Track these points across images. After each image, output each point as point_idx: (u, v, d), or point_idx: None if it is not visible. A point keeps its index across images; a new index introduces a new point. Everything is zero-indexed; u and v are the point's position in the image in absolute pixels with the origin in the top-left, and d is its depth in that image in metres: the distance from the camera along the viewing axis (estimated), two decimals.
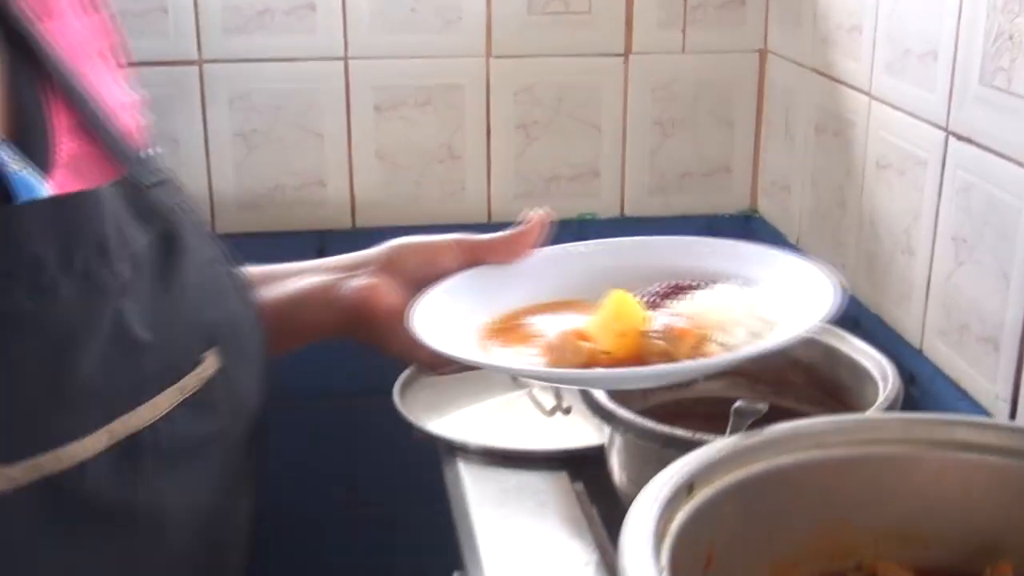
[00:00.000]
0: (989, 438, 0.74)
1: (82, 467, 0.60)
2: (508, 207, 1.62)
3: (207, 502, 0.69)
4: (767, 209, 1.64)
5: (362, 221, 1.60)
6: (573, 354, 0.71)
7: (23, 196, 0.62)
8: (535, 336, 0.76)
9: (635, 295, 0.76)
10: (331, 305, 0.79)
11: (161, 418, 0.64)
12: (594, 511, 0.97)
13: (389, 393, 1.25)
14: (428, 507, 1.23)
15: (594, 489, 1.00)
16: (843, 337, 1.05)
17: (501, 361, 0.72)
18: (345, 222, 1.59)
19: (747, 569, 0.71)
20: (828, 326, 1.11)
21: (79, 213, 0.63)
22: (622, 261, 0.84)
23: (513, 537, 0.93)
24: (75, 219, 0.63)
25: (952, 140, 1.09)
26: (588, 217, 1.65)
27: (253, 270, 0.86)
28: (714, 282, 0.78)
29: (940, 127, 1.11)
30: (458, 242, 0.81)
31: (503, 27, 1.55)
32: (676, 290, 0.78)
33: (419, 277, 0.79)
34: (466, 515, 0.96)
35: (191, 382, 0.66)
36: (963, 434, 0.74)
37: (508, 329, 0.78)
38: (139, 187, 0.69)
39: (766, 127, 1.62)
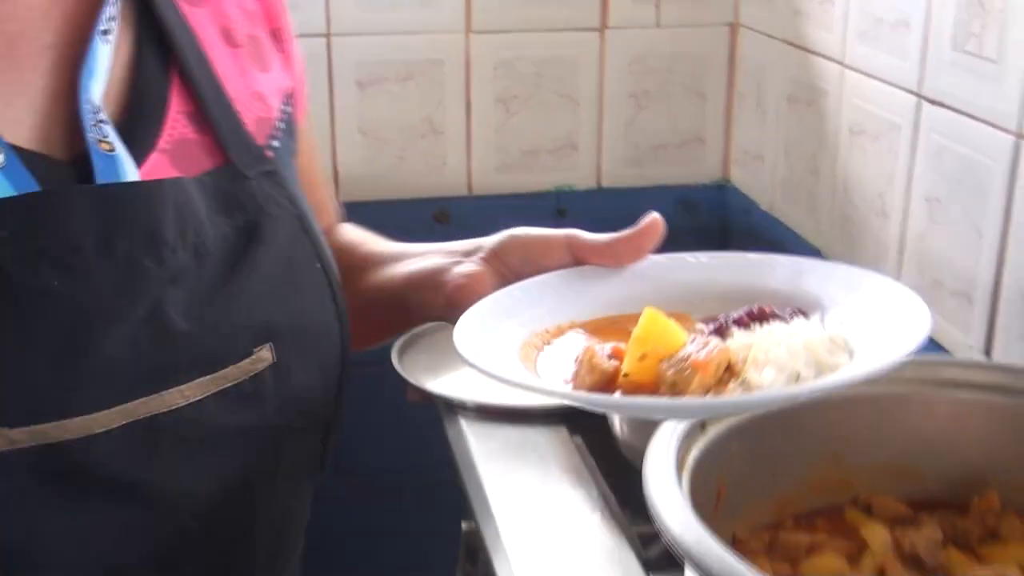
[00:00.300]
0: (976, 376, 0.79)
1: (90, 440, 0.62)
2: (489, 180, 1.66)
3: (241, 487, 0.71)
4: (739, 179, 1.69)
5: (346, 195, 1.62)
6: (588, 372, 0.67)
7: (103, 176, 0.64)
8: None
9: (710, 319, 0.70)
10: (438, 289, 0.77)
11: (190, 404, 0.66)
12: (594, 463, 1.01)
13: (384, 361, 1.28)
14: (429, 468, 1.27)
15: (592, 442, 1.04)
16: None
17: (507, 372, 0.65)
18: None
19: (753, 504, 0.76)
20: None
21: (128, 203, 0.65)
22: (725, 276, 0.76)
23: (519, 488, 0.97)
24: (122, 208, 0.64)
25: (925, 105, 1.14)
26: (566, 189, 1.69)
27: (384, 247, 0.87)
28: (806, 310, 0.70)
29: (913, 92, 1.16)
30: (568, 240, 0.76)
31: (482, 3, 1.58)
32: (757, 316, 0.70)
33: (521, 271, 0.76)
34: (472, 468, 1.00)
35: (233, 373, 0.67)
36: (951, 373, 0.79)
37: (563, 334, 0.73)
38: (236, 177, 0.71)
39: (738, 99, 1.66)
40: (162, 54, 0.71)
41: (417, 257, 0.83)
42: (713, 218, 1.73)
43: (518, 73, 1.62)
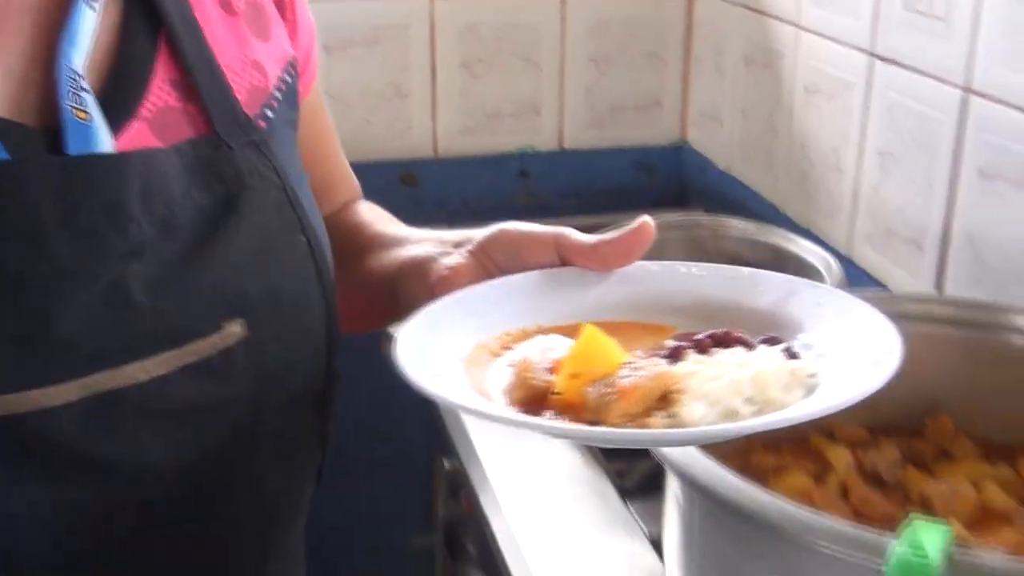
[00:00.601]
0: (930, 310, 0.84)
1: (48, 413, 0.61)
2: (454, 142, 1.70)
3: (216, 465, 0.69)
4: (697, 140, 1.74)
5: None
6: (519, 385, 0.63)
7: (75, 146, 0.63)
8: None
9: (684, 335, 0.66)
10: (424, 279, 0.74)
11: (154, 379, 0.64)
12: None
13: None
14: (402, 407, 1.31)
15: None
16: (789, 238, 1.15)
17: (430, 388, 0.60)
18: None
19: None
20: (773, 228, 1.22)
21: (93, 175, 0.63)
22: (713, 290, 0.72)
23: (500, 430, 1.01)
24: (87, 180, 0.63)
25: (878, 63, 1.20)
26: (529, 151, 1.73)
27: (390, 232, 0.85)
28: (786, 337, 0.65)
29: (866, 52, 1.22)
30: (557, 239, 0.73)
31: None
32: (720, 341, 0.66)
33: (506, 267, 0.73)
34: (454, 411, 1.04)
35: (201, 348, 0.66)
36: (909, 307, 0.84)
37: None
38: (219, 147, 0.69)
39: (695, 62, 1.71)
40: (151, 21, 0.69)
41: (413, 244, 0.82)
42: (671, 179, 1.78)
43: (481, 38, 1.66)
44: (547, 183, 1.75)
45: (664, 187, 1.77)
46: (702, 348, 0.64)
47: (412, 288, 0.76)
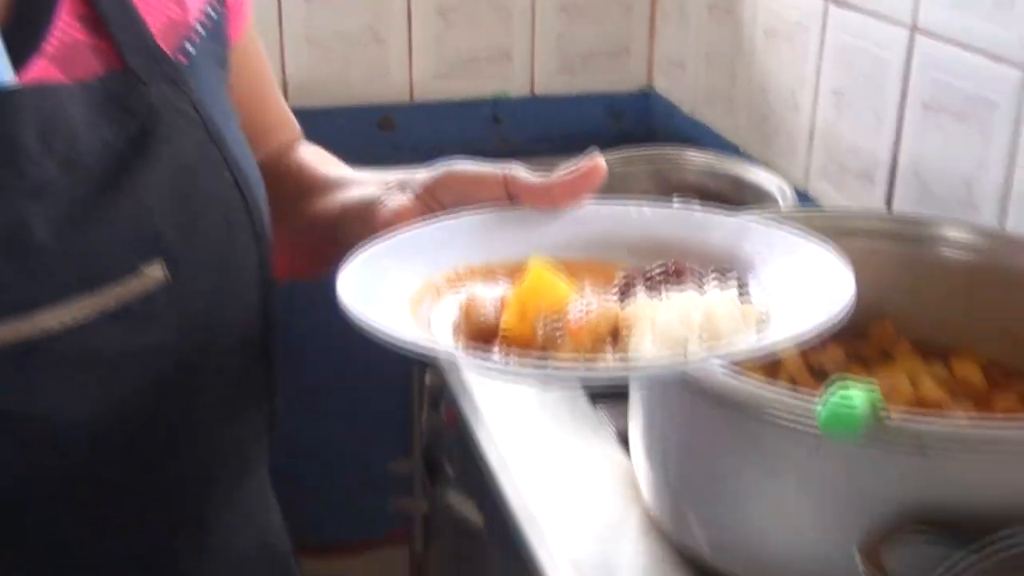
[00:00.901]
0: (875, 225, 0.92)
1: None
2: (429, 87, 1.76)
3: (151, 415, 0.67)
4: (663, 85, 1.81)
5: (294, 101, 1.70)
6: (466, 322, 0.63)
7: None
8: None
9: (633, 271, 0.66)
10: (368, 223, 0.73)
11: (70, 328, 0.61)
12: None
13: None
14: None
15: None
16: (747, 168, 1.23)
17: (366, 320, 0.60)
18: None
19: None
20: (730, 159, 1.30)
21: (13, 112, 0.61)
22: (664, 230, 0.71)
23: None
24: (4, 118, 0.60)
25: (831, 6, 1.27)
26: (501, 96, 1.80)
27: (332, 174, 0.84)
28: (738, 275, 0.66)
29: None
30: (505, 178, 0.72)
31: None
32: (671, 274, 0.66)
33: (452, 208, 0.72)
34: None
35: (119, 293, 0.63)
36: (856, 223, 0.92)
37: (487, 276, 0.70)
38: (130, 83, 0.66)
39: (660, 10, 1.78)
40: None
41: (357, 186, 0.80)
42: (639, 123, 1.85)
43: None
44: (519, 128, 1.82)
45: (632, 131, 1.84)
46: (653, 281, 0.64)
47: (356, 230, 0.74)
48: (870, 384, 0.63)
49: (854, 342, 0.90)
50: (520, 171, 0.72)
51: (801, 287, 0.64)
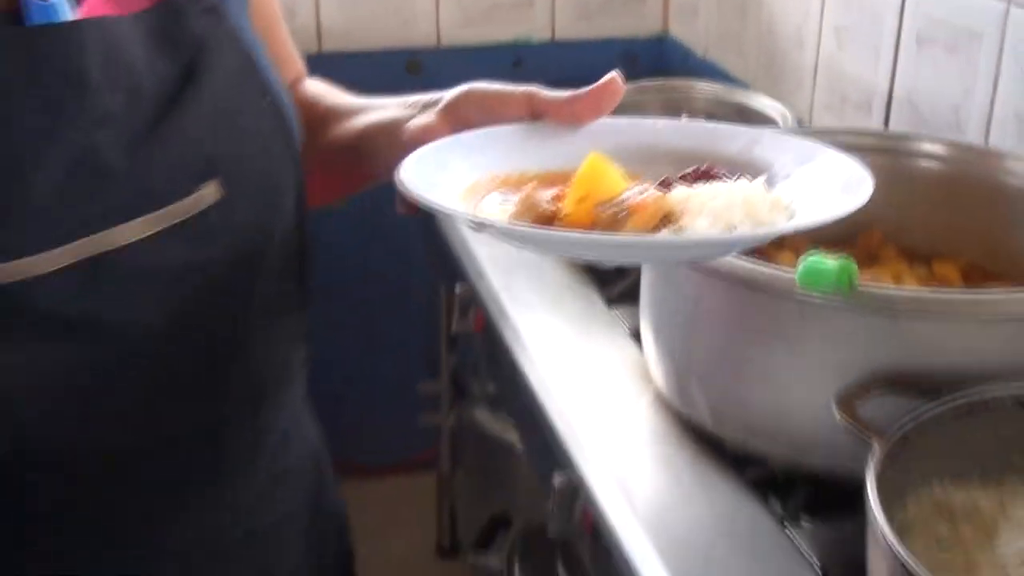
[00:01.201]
0: (864, 142, 1.01)
1: (37, 281, 0.63)
2: (454, 33, 1.85)
3: (204, 326, 0.71)
4: (677, 31, 1.90)
5: (328, 46, 1.81)
6: (528, 209, 0.67)
7: (36, 20, 0.64)
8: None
9: (662, 177, 0.71)
10: (394, 142, 0.75)
11: (136, 242, 0.66)
12: None
13: None
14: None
15: None
16: (751, 96, 1.32)
17: (443, 205, 0.66)
18: (313, 47, 1.80)
19: None
20: (734, 88, 1.39)
21: (53, 45, 0.64)
22: (681, 142, 0.75)
23: (506, 255, 1.18)
24: (48, 50, 0.64)
25: None
26: (523, 41, 1.89)
27: (348, 101, 0.87)
28: (754, 174, 0.70)
29: None
30: (528, 96, 0.75)
31: None
32: (703, 175, 0.71)
33: (478, 125, 0.75)
34: (463, 241, 1.21)
35: (178, 210, 0.68)
36: (847, 140, 1.01)
37: (517, 185, 0.73)
38: (175, 14, 0.70)
39: None
40: None
41: (377, 110, 0.83)
42: (654, 68, 1.93)
43: None
44: (539, 71, 1.90)
45: (648, 75, 1.93)
46: (686, 180, 0.69)
47: (382, 150, 0.77)
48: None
49: (844, 248, 0.99)
50: (540, 88, 0.75)
51: (820, 180, 0.69)
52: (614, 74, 0.74)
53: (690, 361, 0.85)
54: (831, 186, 0.68)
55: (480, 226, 0.65)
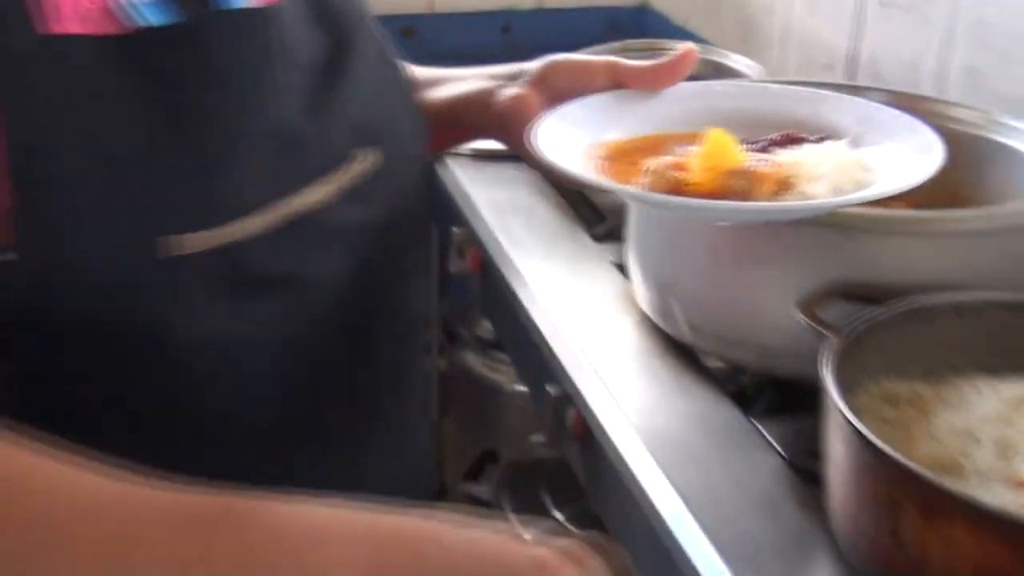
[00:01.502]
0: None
1: (248, 242, 0.68)
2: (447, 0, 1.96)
3: (365, 283, 0.77)
4: (658, 2, 2.00)
5: None
6: (661, 180, 0.77)
7: (219, 4, 0.69)
8: (643, 161, 0.81)
9: (749, 140, 0.81)
10: (488, 109, 0.82)
11: (320, 204, 0.71)
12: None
13: None
14: None
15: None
16: (723, 54, 1.42)
17: (604, 181, 0.77)
18: None
19: None
20: (713, 47, 1.49)
21: (254, 25, 0.69)
22: (752, 103, 0.86)
23: (502, 199, 1.28)
24: (248, 31, 0.69)
25: None
26: (511, 8, 1.99)
27: (421, 72, 0.93)
28: (830, 137, 0.81)
29: None
30: (609, 65, 0.83)
31: None
32: (789, 140, 0.81)
33: (567, 94, 0.82)
34: (456, 183, 1.31)
35: (351, 174, 0.73)
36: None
37: (627, 152, 0.83)
38: (236, 9, 0.71)
39: None
40: None
41: (458, 81, 0.89)
42: (636, 35, 2.03)
43: None
44: (527, 37, 2.01)
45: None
46: (779, 145, 0.80)
47: (475, 119, 0.85)
48: None
49: None
50: (621, 59, 0.84)
51: (893, 143, 0.80)
52: (689, 45, 0.85)
53: (670, 284, 0.96)
54: (904, 148, 0.80)
55: (630, 195, 0.77)
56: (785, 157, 0.77)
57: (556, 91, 0.82)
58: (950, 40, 1.21)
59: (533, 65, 0.84)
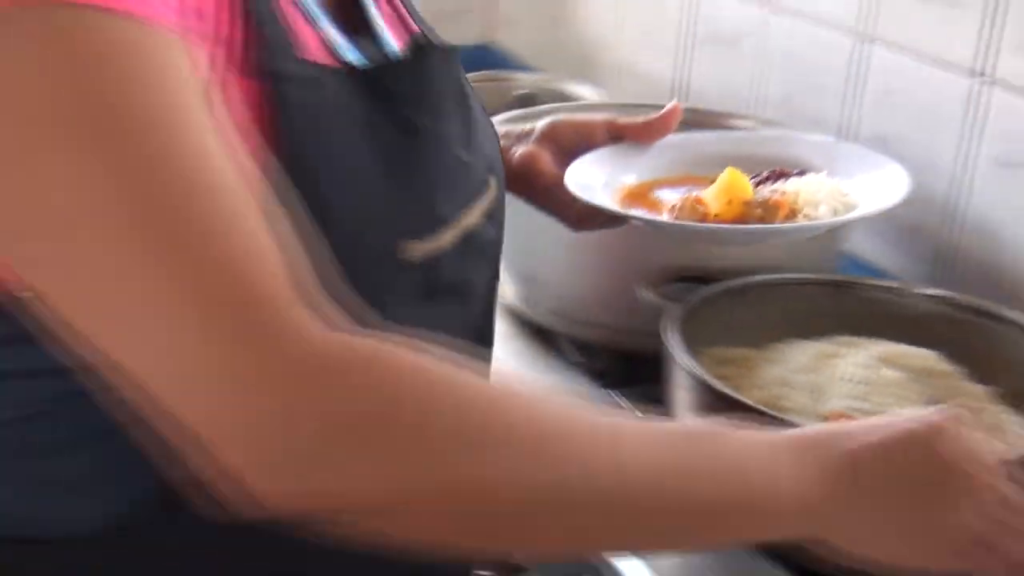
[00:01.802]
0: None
1: (441, 254, 0.72)
2: None
3: (493, 289, 0.85)
4: (503, 40, 2.16)
5: None
6: (690, 213, 0.90)
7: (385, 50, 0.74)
8: (661, 199, 0.96)
9: (747, 175, 0.94)
10: (506, 167, 0.86)
11: (476, 223, 0.76)
12: None
13: None
14: None
15: None
16: (566, 83, 1.58)
17: (640, 214, 0.92)
18: None
19: None
20: (556, 78, 1.65)
21: (445, 61, 0.76)
22: (734, 148, 1.00)
23: None
24: (452, 64, 0.76)
25: None
26: None
27: None
28: (808, 171, 0.96)
29: None
30: (608, 123, 0.93)
31: None
32: (778, 175, 0.95)
33: (573, 150, 0.91)
34: None
35: (487, 199, 0.79)
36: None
37: (640, 194, 0.97)
38: (439, 46, 0.78)
39: None
40: None
41: None
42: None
43: None
44: None
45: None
46: (772, 179, 0.96)
47: None
48: None
49: None
50: (616, 116, 0.96)
51: (858, 172, 0.96)
52: (675, 102, 0.98)
53: (535, 276, 1.10)
54: (872, 177, 0.95)
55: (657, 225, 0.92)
56: (784, 188, 0.93)
57: (562, 147, 0.92)
58: (762, 72, 1.40)
59: (539, 124, 0.95)
